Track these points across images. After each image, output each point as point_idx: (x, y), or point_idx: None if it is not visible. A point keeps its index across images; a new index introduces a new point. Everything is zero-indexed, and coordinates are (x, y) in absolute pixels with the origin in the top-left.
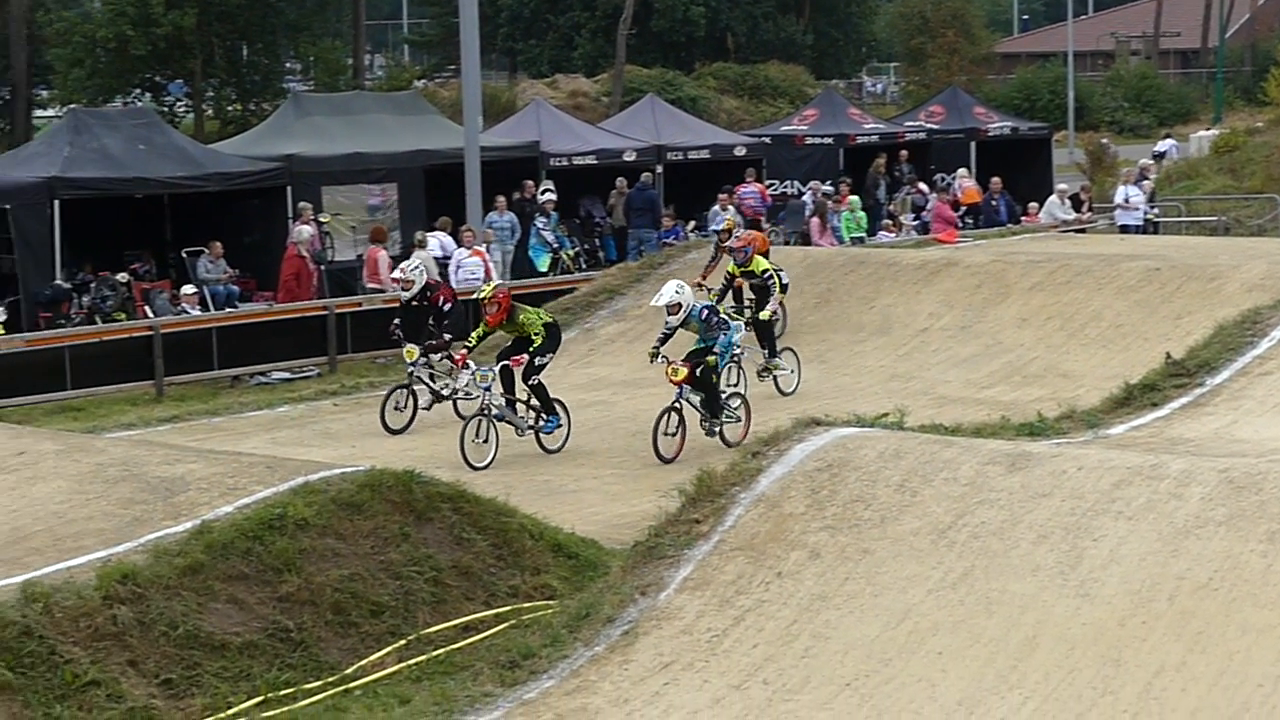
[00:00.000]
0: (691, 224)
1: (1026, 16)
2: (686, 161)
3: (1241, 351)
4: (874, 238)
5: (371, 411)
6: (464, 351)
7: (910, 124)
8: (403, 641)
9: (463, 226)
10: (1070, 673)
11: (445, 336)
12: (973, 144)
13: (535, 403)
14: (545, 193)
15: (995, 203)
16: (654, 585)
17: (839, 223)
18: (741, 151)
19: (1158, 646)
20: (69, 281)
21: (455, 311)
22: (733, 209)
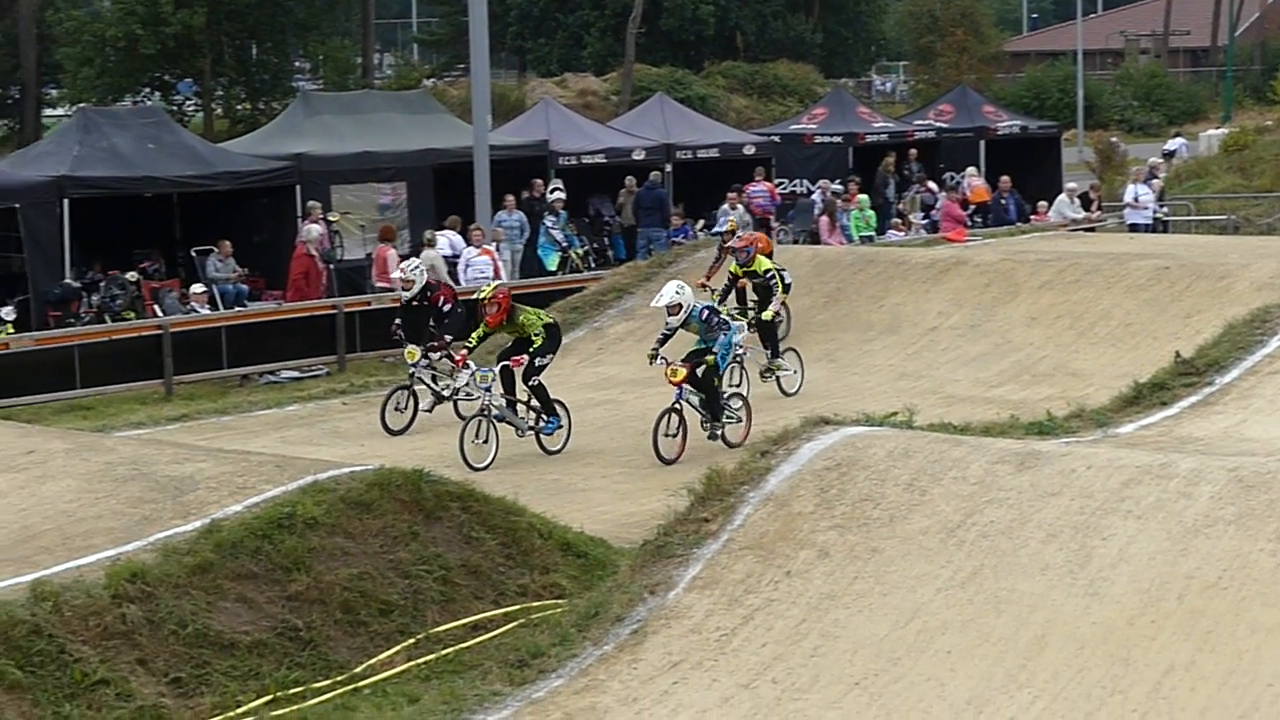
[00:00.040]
0: (700, 223)
1: (1036, 15)
2: (695, 160)
3: (1251, 350)
4: (883, 236)
5: None
6: (464, 352)
7: (919, 123)
8: (411, 640)
9: (472, 225)
10: (1079, 672)
11: (446, 337)
12: (982, 143)
13: (535, 403)
14: (554, 191)
15: (1004, 201)
16: (663, 584)
17: (848, 221)
18: (750, 150)
19: (1167, 645)
20: (78, 280)
21: (455, 312)
22: (741, 207)
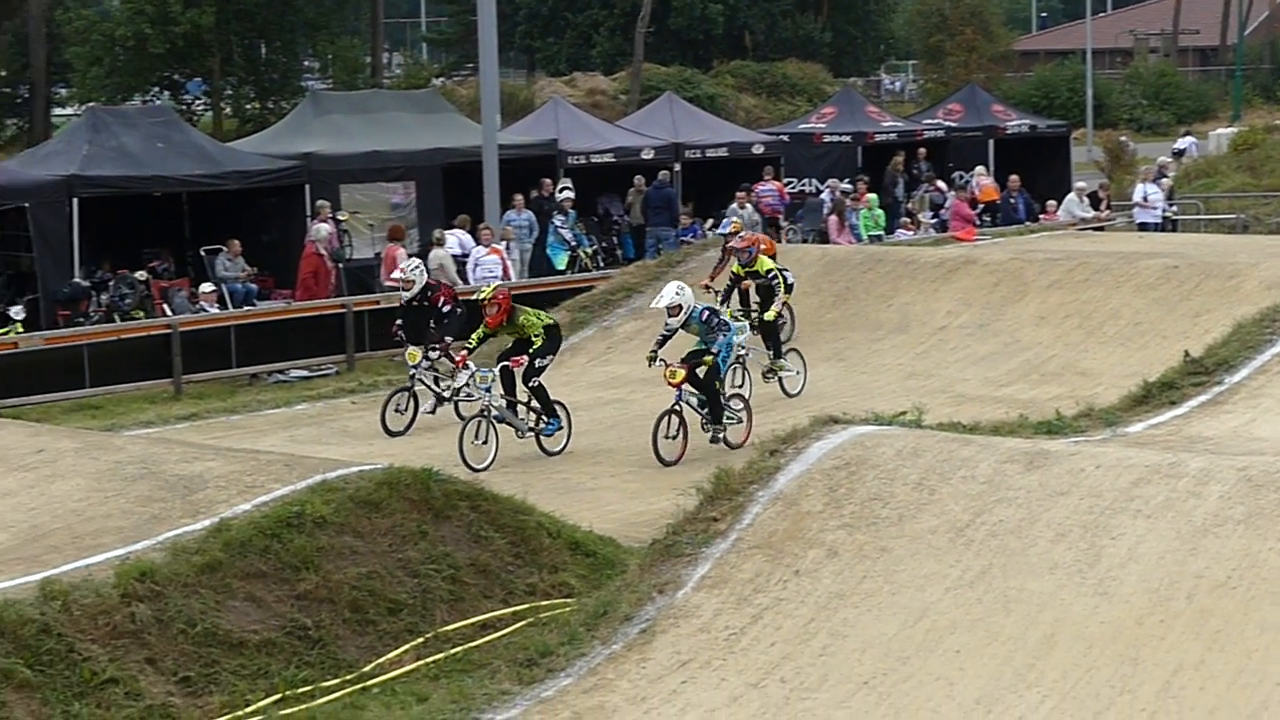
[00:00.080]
0: (709, 222)
1: (1045, 14)
2: (704, 159)
3: (1260, 349)
4: (892, 236)
5: None
6: (464, 353)
7: (928, 122)
8: (420, 639)
9: (481, 224)
10: (1088, 671)
11: (446, 339)
12: (991, 142)
13: (536, 404)
14: (563, 191)
15: (1014, 200)
16: (671, 583)
17: (857, 221)
18: (759, 149)
19: (1176, 645)
20: (87, 280)
21: (455, 313)
22: (750, 206)
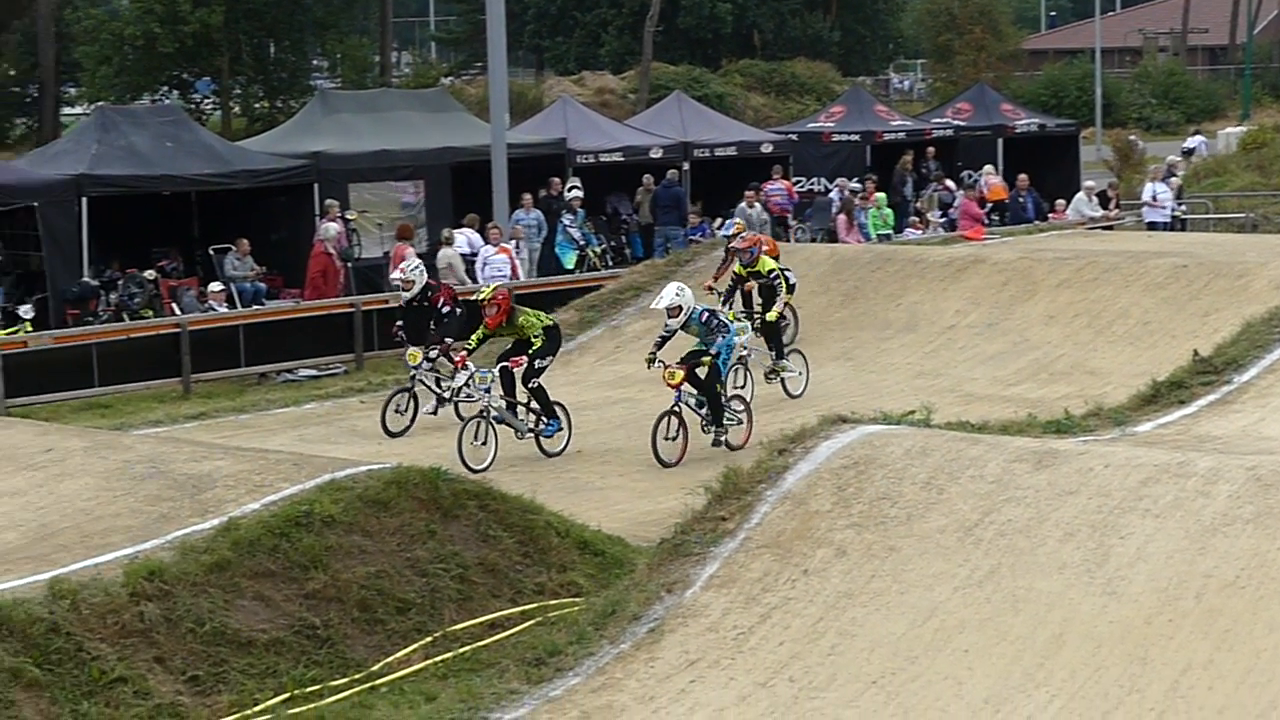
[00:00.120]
0: (718, 221)
1: (1054, 13)
2: (713, 158)
3: (1269, 349)
4: (900, 235)
5: None
6: (463, 354)
7: (937, 121)
8: (429, 639)
9: (489, 224)
10: (1097, 670)
11: (446, 340)
12: (1000, 141)
13: (535, 405)
14: (572, 190)
15: (1022, 199)
16: (680, 583)
17: (866, 220)
18: (768, 148)
19: (1185, 644)
20: (96, 279)
21: (454, 313)
22: (759, 205)
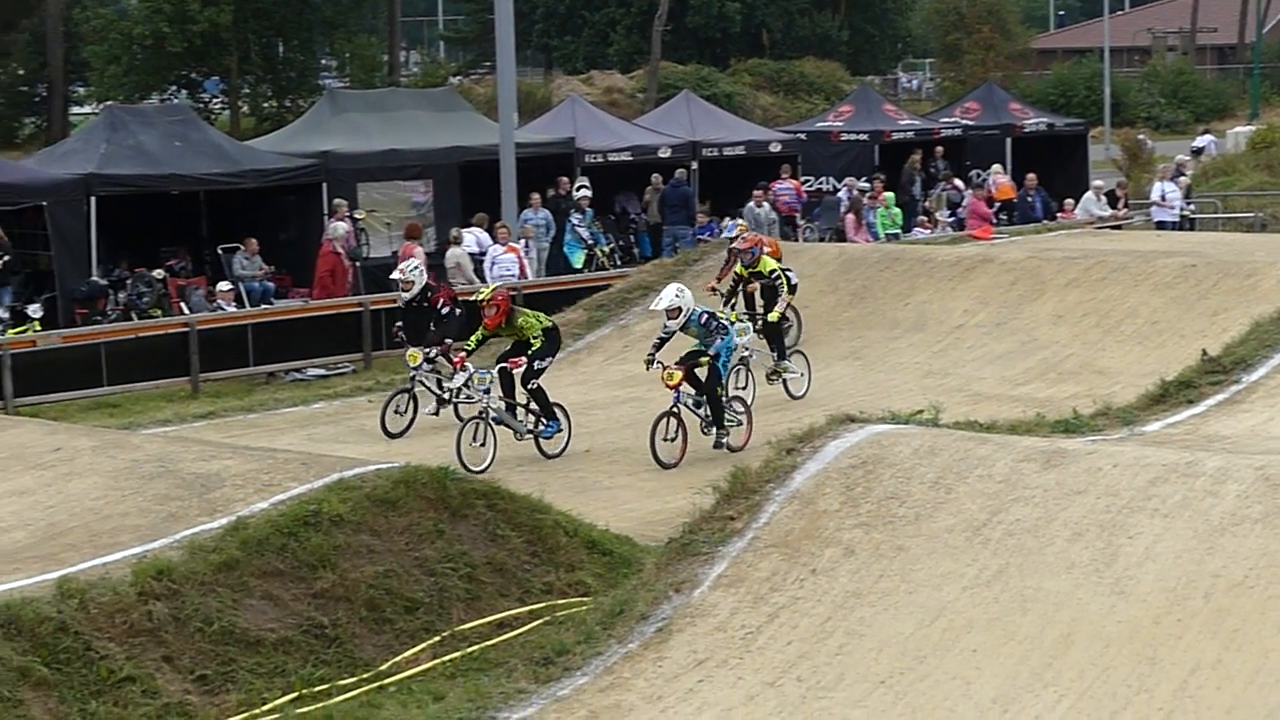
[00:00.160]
0: (726, 220)
1: (1063, 12)
2: (722, 158)
3: (1278, 348)
4: (909, 234)
5: None
6: (462, 354)
7: (946, 120)
8: (437, 638)
9: (498, 223)
10: (1105, 670)
11: (446, 340)
12: (1008, 140)
13: (535, 407)
14: (580, 189)
15: (1031, 199)
16: (688, 582)
17: (874, 219)
18: (777, 148)
19: (1193, 644)
20: (105, 278)
21: (453, 314)
22: (767, 205)
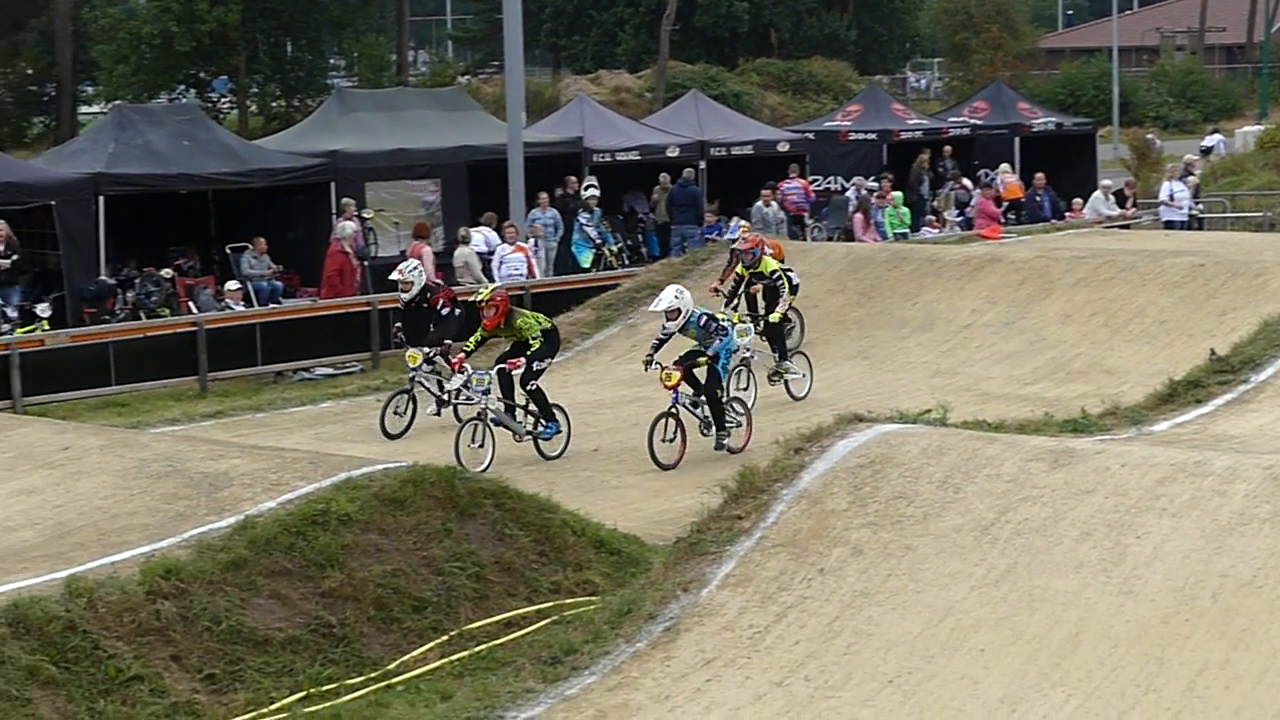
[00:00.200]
0: (733, 220)
1: (1071, 12)
2: (730, 157)
3: None
4: (917, 234)
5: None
6: (461, 355)
7: (954, 120)
8: (445, 637)
9: (506, 222)
10: (1113, 670)
11: (446, 341)
12: (1017, 140)
13: (534, 408)
14: (588, 188)
15: (1039, 198)
16: (696, 582)
17: (882, 218)
18: (785, 147)
19: (1201, 644)
20: (114, 277)
21: (453, 315)
22: (775, 204)
